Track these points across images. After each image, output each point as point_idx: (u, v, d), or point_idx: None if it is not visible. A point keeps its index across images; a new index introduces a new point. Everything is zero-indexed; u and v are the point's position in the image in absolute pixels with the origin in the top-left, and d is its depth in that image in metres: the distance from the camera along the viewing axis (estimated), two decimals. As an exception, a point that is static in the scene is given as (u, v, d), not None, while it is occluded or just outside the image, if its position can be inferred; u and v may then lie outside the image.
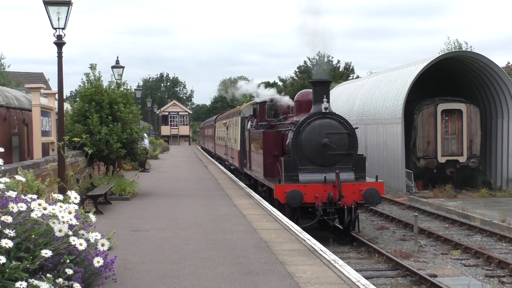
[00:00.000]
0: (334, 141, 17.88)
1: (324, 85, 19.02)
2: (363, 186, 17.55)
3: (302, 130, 18.10)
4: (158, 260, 10.49)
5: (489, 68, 33.28)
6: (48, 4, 15.17)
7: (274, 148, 20.84)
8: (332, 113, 18.72)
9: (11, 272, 6.99)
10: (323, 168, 17.94)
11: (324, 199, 17.19)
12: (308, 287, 8.52)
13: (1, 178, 7.98)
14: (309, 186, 17.25)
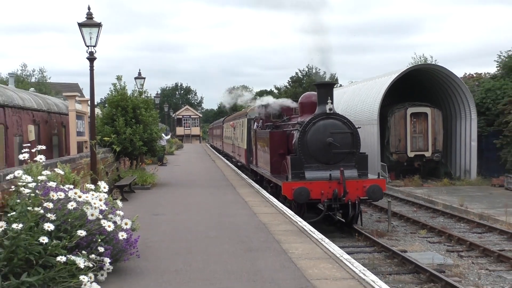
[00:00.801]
0: (338, 140, 16.32)
1: (328, 88, 17.44)
2: (366, 183, 16.13)
3: (308, 130, 16.56)
4: (174, 239, 10.52)
5: (449, 78, 33.67)
6: (82, 26, 15.33)
7: (280, 147, 19.07)
8: (336, 114, 17.26)
9: (52, 249, 7.01)
10: (327, 166, 16.31)
11: (330, 195, 15.73)
12: (300, 262, 8.53)
13: (43, 171, 8.00)
14: (315, 183, 15.77)
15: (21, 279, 6.82)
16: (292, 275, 7.75)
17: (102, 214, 7.73)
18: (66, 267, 6.96)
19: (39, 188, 7.58)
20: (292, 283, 7.36)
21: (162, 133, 28.68)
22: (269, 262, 8.53)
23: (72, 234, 7.26)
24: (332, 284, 7.28)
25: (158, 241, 10.22)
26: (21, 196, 7.47)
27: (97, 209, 7.66)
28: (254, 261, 8.61)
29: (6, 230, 7.01)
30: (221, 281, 7.48)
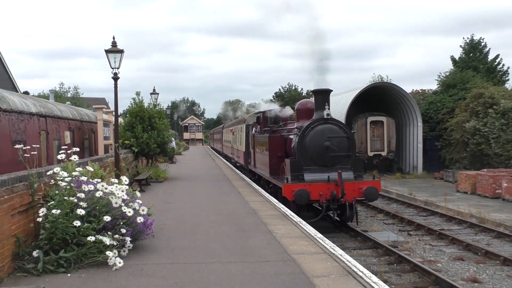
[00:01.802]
0: (335, 144, 14.32)
1: (325, 94, 15.11)
2: (362, 184, 14.13)
3: (306, 134, 14.55)
4: (182, 222, 10.48)
5: (400, 93, 34.13)
6: (108, 52, 15.33)
7: (278, 150, 16.83)
8: (333, 119, 15.06)
9: (84, 230, 7.01)
10: (325, 168, 14.32)
11: (328, 196, 13.82)
12: (283, 240, 8.52)
13: (77, 168, 7.97)
14: (314, 185, 13.84)
15: (59, 254, 6.80)
16: (277, 251, 7.74)
17: (124, 202, 7.71)
18: (95, 245, 6.97)
19: (73, 181, 7.58)
20: (277, 257, 7.36)
21: (172, 138, 28.61)
22: (258, 240, 8.51)
23: (100, 218, 7.25)
24: (308, 257, 7.28)
25: (169, 224, 10.18)
26: (59, 188, 7.45)
27: (120, 198, 7.66)
28: (246, 240, 8.59)
29: (47, 215, 7.01)
30: (220, 256, 7.47)
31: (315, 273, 6.45)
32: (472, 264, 11.85)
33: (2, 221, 6.25)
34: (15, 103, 14.98)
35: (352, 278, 6.24)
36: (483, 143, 29.14)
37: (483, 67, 42.51)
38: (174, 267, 6.86)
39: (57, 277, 6.43)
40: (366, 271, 6.58)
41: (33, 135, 15.82)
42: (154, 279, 6.31)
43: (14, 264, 6.66)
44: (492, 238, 14.73)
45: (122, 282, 6.20)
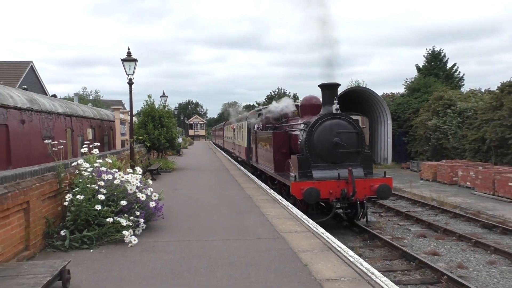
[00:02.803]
0: (344, 139, 11.97)
1: (333, 89, 12.67)
2: (373, 182, 11.85)
3: (314, 130, 12.13)
4: (188, 206, 10.47)
5: (373, 95, 34.02)
6: (124, 61, 15.26)
7: (283, 146, 14.23)
8: (342, 114, 12.52)
9: (104, 213, 7.00)
10: (334, 165, 11.96)
11: (338, 194, 11.55)
12: (273, 220, 8.53)
13: (97, 160, 7.95)
14: (324, 183, 11.51)
15: (83, 233, 6.80)
16: (268, 230, 7.75)
17: (138, 189, 7.70)
18: (114, 225, 6.96)
19: (95, 171, 7.56)
20: (268, 234, 7.37)
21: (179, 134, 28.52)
22: (252, 221, 8.52)
23: (117, 202, 7.24)
24: (295, 235, 7.29)
25: (177, 207, 10.16)
26: (82, 177, 7.43)
27: (135, 185, 7.65)
28: (243, 221, 8.59)
29: (72, 200, 6.99)
30: (220, 234, 7.47)
31: (300, 248, 6.47)
32: (433, 240, 11.92)
33: (34, 205, 6.24)
34: (45, 105, 14.90)
35: (332, 252, 6.26)
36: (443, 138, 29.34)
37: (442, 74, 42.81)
38: (181, 244, 6.86)
39: (81, 253, 6.43)
40: (343, 246, 6.60)
41: (60, 132, 15.76)
42: (163, 254, 6.31)
43: (45, 241, 6.65)
44: (449, 218, 14.81)
45: (137, 257, 6.20)
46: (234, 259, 5.96)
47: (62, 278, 4.89)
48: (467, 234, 12.06)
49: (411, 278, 8.73)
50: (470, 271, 9.30)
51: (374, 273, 5.30)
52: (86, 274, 5.44)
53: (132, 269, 5.63)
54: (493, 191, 18.70)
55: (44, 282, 4.36)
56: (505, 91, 28.74)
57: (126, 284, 5.09)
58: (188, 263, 5.83)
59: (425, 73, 42.09)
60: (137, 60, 15.40)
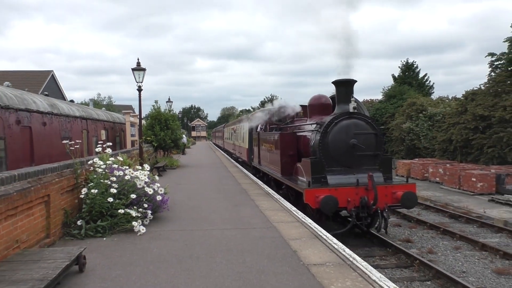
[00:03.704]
0: (362, 141, 9.60)
1: (349, 85, 10.21)
2: (395, 188, 9.43)
3: (329, 131, 9.72)
4: (190, 199, 10.44)
5: (354, 102, 33.86)
6: (134, 70, 15.14)
7: (290, 148, 11.80)
8: (359, 113, 10.10)
9: (116, 205, 6.96)
10: (350, 170, 9.62)
11: (357, 202, 9.15)
12: (266, 212, 8.52)
13: (110, 158, 7.90)
14: (341, 190, 9.15)
15: (97, 223, 6.76)
16: (262, 220, 7.74)
17: (146, 184, 7.66)
18: (124, 216, 6.92)
19: (108, 168, 7.51)
20: (262, 224, 7.35)
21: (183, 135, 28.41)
22: (247, 212, 8.50)
23: (127, 196, 7.20)
24: (285, 224, 7.29)
25: (180, 200, 10.13)
26: (97, 173, 7.39)
27: (143, 181, 7.61)
28: (239, 212, 8.58)
29: (88, 193, 6.95)
30: (219, 224, 7.45)
31: (290, 236, 6.46)
32: (407, 229, 11.95)
33: (54, 198, 6.21)
34: (64, 109, 14.81)
35: (318, 240, 6.26)
36: (415, 139, 29.51)
37: (415, 83, 43.03)
38: (184, 233, 6.84)
39: (95, 240, 6.39)
40: (329, 234, 6.60)
41: (77, 133, 15.67)
42: (168, 241, 6.28)
43: (63, 230, 6.60)
44: (421, 210, 14.85)
45: (145, 244, 6.17)
46: (231, 246, 5.95)
47: (78, 262, 4.89)
48: (436, 223, 12.11)
49: (388, 262, 8.74)
50: (439, 255, 9.34)
51: (355, 258, 5.31)
52: (100, 259, 5.41)
53: (141, 255, 5.61)
54: (458, 185, 18.82)
55: (63, 266, 4.35)
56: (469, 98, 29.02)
57: (135, 268, 5.06)
58: (191, 250, 5.81)
59: (400, 82, 42.29)
60: (145, 69, 15.32)
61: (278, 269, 4.92)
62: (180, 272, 4.90)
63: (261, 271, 4.88)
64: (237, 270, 4.91)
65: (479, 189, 17.59)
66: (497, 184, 17.92)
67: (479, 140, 26.05)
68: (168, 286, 4.47)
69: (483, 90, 28.66)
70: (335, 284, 4.39)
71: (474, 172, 18.21)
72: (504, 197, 15.96)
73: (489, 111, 25.95)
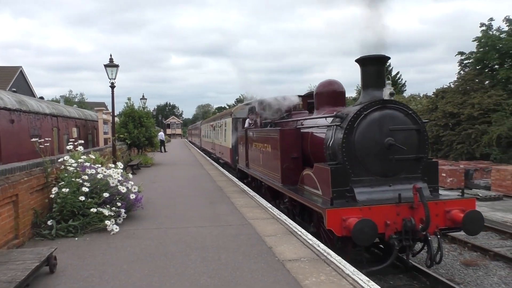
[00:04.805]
0: (401, 140, 6.78)
1: (380, 63, 7.22)
2: (449, 205, 6.64)
3: (357, 126, 6.85)
4: (165, 197, 10.34)
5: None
6: (107, 66, 14.88)
7: (293, 149, 8.78)
8: (395, 101, 7.10)
9: (88, 204, 6.84)
10: (385, 180, 6.89)
11: (399, 226, 6.37)
12: (242, 209, 8.52)
13: (82, 156, 7.75)
14: (377, 210, 6.29)
15: (69, 223, 6.62)
16: (238, 217, 7.75)
17: (119, 182, 7.54)
18: (97, 215, 6.80)
19: (79, 166, 7.37)
20: (238, 221, 7.36)
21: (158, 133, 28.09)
22: (223, 210, 8.49)
23: (100, 195, 7.07)
24: (261, 222, 7.32)
25: (155, 198, 10.02)
26: (68, 172, 7.23)
27: (116, 179, 7.49)
28: (215, 209, 8.55)
29: (58, 192, 6.81)
30: (195, 221, 7.41)
31: (266, 233, 6.49)
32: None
33: (23, 198, 6.04)
34: (33, 106, 14.40)
35: (293, 236, 6.32)
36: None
37: (388, 81, 43.99)
38: (159, 231, 6.77)
39: (67, 240, 6.25)
40: (303, 230, 6.66)
41: (47, 131, 15.27)
42: (143, 240, 6.21)
43: (33, 230, 6.43)
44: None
45: (118, 243, 6.08)
46: (206, 244, 5.93)
47: (49, 263, 4.78)
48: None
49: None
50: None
51: (329, 253, 5.39)
52: (71, 260, 5.30)
53: (114, 254, 5.52)
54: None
55: (32, 267, 4.24)
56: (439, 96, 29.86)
57: (108, 267, 4.98)
58: (165, 248, 5.76)
59: (373, 80, 43.20)
60: (118, 66, 15.05)
61: (253, 266, 4.94)
62: (154, 270, 4.86)
63: (236, 267, 4.89)
64: (212, 267, 4.90)
65: (449, 184, 18.15)
66: (465, 179, 18.55)
67: (449, 137, 26.85)
68: (142, 285, 4.43)
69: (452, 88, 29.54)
70: (310, 279, 4.44)
71: (444, 167, 18.76)
72: (472, 191, 16.52)
73: (458, 109, 26.77)
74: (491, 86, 26.82)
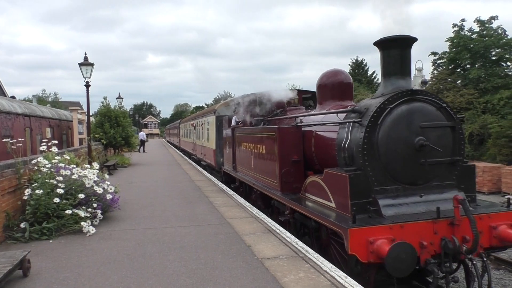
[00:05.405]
0: (434, 140, 5.19)
1: (406, 46, 5.47)
2: (495, 219, 4.97)
3: (381, 123, 5.19)
4: (143, 197, 10.22)
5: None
6: (81, 65, 14.59)
7: (294, 151, 7.23)
8: (425, 92, 5.44)
9: (63, 206, 6.71)
10: (413, 189, 5.28)
11: (437, 247, 4.73)
12: (220, 208, 8.51)
13: (56, 157, 7.59)
14: (410, 228, 4.66)
15: (42, 225, 6.48)
16: (216, 216, 7.73)
17: (95, 183, 7.42)
18: (72, 217, 6.69)
19: (53, 167, 7.21)
20: (216, 221, 7.35)
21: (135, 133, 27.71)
22: (202, 209, 8.46)
23: (75, 196, 6.95)
24: (239, 220, 7.32)
25: (132, 199, 9.90)
26: (41, 173, 7.07)
27: (92, 180, 7.37)
28: (193, 209, 8.51)
29: (32, 194, 6.65)
30: (173, 222, 7.36)
31: (244, 232, 6.51)
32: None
33: (-7, 200, 5.86)
34: (4, 105, 14.00)
35: (272, 234, 6.35)
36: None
37: (364, 80, 44.65)
38: (136, 232, 6.70)
39: (41, 243, 6.11)
40: (282, 228, 6.71)
41: (19, 131, 14.89)
42: (120, 241, 6.13)
43: (5, 234, 6.26)
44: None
45: (95, 245, 5.98)
46: (185, 243, 5.90)
47: (22, 267, 4.67)
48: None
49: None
50: None
51: (308, 251, 5.44)
52: (46, 263, 5.18)
53: (91, 256, 5.43)
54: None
55: (4, 272, 4.14)
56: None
57: (84, 270, 4.90)
58: (143, 249, 5.71)
59: (350, 79, 43.74)
60: (93, 65, 14.78)
61: (232, 264, 4.95)
62: (132, 271, 4.80)
63: (215, 267, 4.88)
64: (191, 267, 4.88)
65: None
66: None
67: (424, 135, 27.37)
68: (119, 286, 4.37)
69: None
70: (288, 277, 4.48)
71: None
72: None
73: (432, 107, 27.35)
74: (463, 85, 27.58)
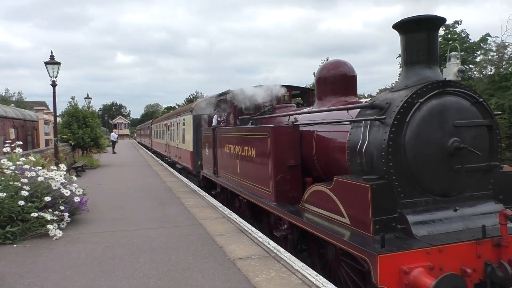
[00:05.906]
0: (469, 141, 3.92)
1: (433, 29, 4.22)
2: None
3: (409, 121, 3.89)
4: (112, 199, 10.01)
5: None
6: (47, 63, 14.18)
7: (290, 154, 5.89)
8: (457, 83, 4.14)
9: (28, 209, 6.52)
10: (445, 201, 4.00)
11: (480, 274, 3.51)
12: (192, 209, 8.45)
13: (20, 158, 7.36)
14: (450, 251, 3.44)
15: (6, 229, 6.25)
16: (188, 217, 7.68)
17: (62, 185, 7.23)
18: (38, 220, 6.49)
19: (18, 169, 7.00)
20: (188, 222, 7.30)
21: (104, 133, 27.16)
22: (173, 211, 8.38)
23: (41, 198, 6.74)
24: (211, 221, 7.30)
25: (101, 201, 9.68)
26: (5, 175, 6.83)
27: (59, 182, 7.18)
28: (164, 210, 8.42)
29: (-6, 197, 6.39)
30: (143, 224, 7.25)
31: (216, 232, 6.49)
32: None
33: (-48, 204, 5.61)
34: (-37, 105, 13.43)
35: (244, 234, 6.36)
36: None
37: (335, 81, 45.39)
38: (105, 235, 6.56)
39: (5, 248, 5.89)
40: (254, 229, 6.73)
41: (-19, 132, 14.31)
42: (88, 245, 5.99)
43: (-35, 239, 6.00)
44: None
45: (62, 248, 5.82)
46: (156, 245, 5.83)
47: (-16, 273, 4.47)
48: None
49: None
50: None
51: (279, 250, 5.48)
52: (9, 268, 5.00)
53: (57, 260, 5.28)
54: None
55: (-36, 278, 3.95)
56: (383, 96, 31.29)
57: (51, 274, 4.76)
58: (113, 252, 5.60)
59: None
60: (60, 63, 14.39)
61: (204, 265, 4.92)
62: (101, 275, 4.70)
63: (186, 268, 4.85)
64: (162, 269, 4.83)
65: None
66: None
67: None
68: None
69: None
70: (260, 276, 4.50)
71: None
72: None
73: (400, 108, 28.15)
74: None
